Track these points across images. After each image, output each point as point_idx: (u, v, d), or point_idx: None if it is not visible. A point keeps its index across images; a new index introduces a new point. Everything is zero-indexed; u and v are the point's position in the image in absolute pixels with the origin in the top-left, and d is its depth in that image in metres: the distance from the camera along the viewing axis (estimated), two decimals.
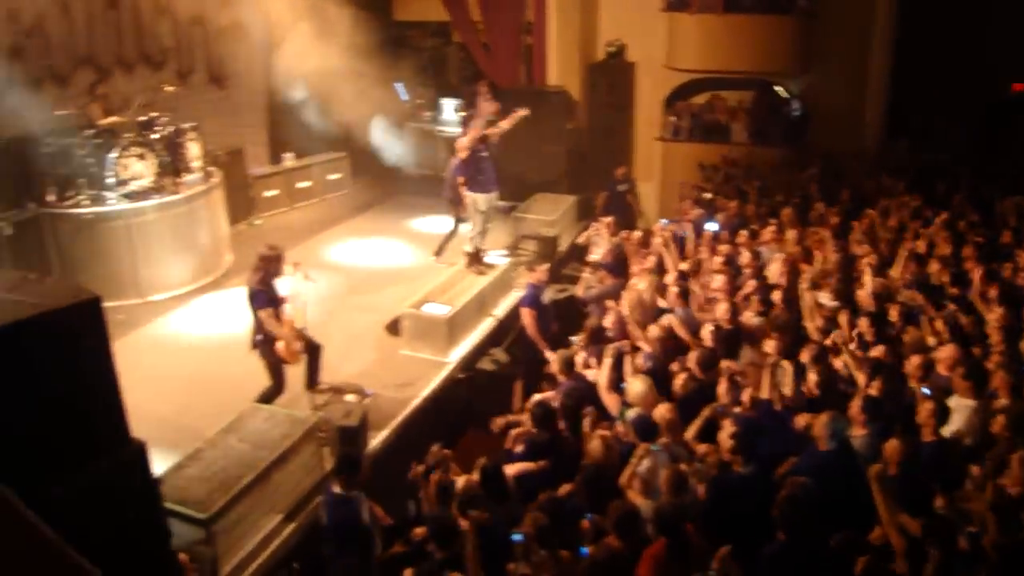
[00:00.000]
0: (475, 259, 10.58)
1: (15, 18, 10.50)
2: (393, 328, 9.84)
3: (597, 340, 7.97)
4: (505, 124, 10.42)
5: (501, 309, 10.62)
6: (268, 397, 7.78)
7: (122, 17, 12.10)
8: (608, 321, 8.36)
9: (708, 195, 12.45)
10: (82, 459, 4.81)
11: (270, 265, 7.69)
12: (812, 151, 14.41)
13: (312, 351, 8.03)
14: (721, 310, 8.01)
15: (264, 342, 7.68)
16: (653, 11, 15.06)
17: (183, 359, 9.31)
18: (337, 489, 5.96)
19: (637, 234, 10.78)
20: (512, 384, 9.44)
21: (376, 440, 7.74)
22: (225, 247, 12.10)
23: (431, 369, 9.14)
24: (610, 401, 6.97)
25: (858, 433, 5.88)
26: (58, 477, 4.63)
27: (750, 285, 8.74)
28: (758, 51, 14.55)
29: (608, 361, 7.15)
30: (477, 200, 10.42)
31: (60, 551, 2.23)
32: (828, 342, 7.26)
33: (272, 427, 6.86)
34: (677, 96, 15.85)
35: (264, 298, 7.59)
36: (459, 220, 11.07)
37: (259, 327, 7.66)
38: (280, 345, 7.63)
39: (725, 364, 7.03)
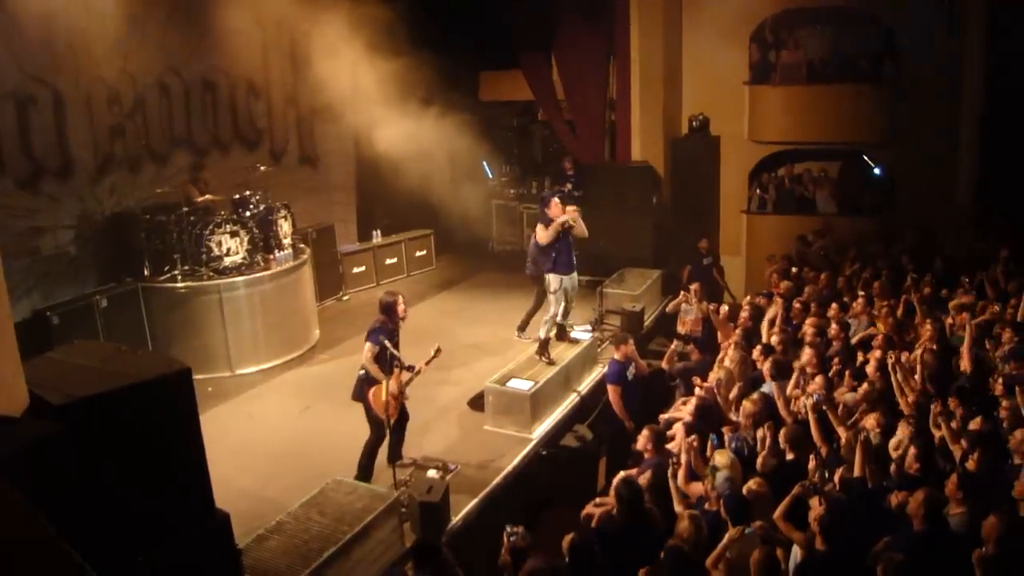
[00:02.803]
0: (545, 348, 10.20)
1: (117, 100, 11.03)
2: (476, 403, 9.79)
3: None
4: (579, 227, 10.10)
5: (585, 385, 10.50)
6: (371, 447, 7.89)
7: (219, 99, 12.62)
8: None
9: (795, 268, 12.26)
10: (167, 529, 4.87)
11: (388, 310, 7.86)
12: (902, 220, 14.06)
13: (400, 418, 8.00)
14: (815, 384, 7.78)
15: (364, 381, 7.78)
16: (736, 85, 15.12)
17: (268, 432, 9.41)
18: (409, 574, 5.87)
19: (725, 308, 10.66)
20: (596, 461, 9.28)
21: (457, 516, 7.64)
22: (313, 322, 12.32)
23: (514, 445, 9.04)
24: (692, 491, 6.76)
25: (955, 511, 5.60)
26: (143, 546, 4.68)
27: (838, 360, 8.53)
28: (843, 121, 14.44)
29: (684, 457, 6.97)
30: (550, 280, 10.26)
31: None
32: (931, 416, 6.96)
33: (354, 501, 6.87)
34: (762, 168, 15.74)
35: (377, 335, 7.67)
36: (542, 295, 11.02)
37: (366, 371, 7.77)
38: (373, 390, 7.66)
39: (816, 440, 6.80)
